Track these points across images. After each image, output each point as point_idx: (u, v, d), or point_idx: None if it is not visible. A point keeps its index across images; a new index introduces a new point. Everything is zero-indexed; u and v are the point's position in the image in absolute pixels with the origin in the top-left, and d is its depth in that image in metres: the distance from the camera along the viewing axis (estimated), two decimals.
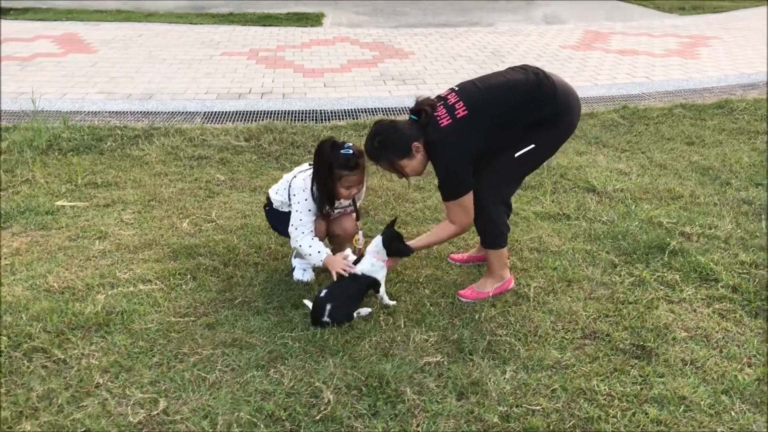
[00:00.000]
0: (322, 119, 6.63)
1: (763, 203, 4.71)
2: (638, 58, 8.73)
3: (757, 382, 2.90)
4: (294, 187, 3.53)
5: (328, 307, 3.25)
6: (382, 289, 3.44)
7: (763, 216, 4.52)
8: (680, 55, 8.83)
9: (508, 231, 3.58)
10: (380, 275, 3.41)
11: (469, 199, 3.34)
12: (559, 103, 3.29)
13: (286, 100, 7.09)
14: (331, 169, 3.40)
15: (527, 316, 3.40)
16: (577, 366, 3.01)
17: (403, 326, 3.29)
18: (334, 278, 3.38)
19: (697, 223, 4.39)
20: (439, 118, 3.26)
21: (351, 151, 3.39)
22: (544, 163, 3.78)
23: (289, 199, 3.57)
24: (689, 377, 2.94)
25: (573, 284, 3.71)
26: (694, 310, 3.46)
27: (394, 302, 3.50)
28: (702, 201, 4.80)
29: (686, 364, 3.03)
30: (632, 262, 3.92)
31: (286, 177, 3.68)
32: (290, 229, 3.53)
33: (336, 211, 3.69)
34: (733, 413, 2.72)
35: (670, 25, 10.45)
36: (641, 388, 2.87)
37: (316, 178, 3.47)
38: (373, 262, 3.40)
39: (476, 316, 3.38)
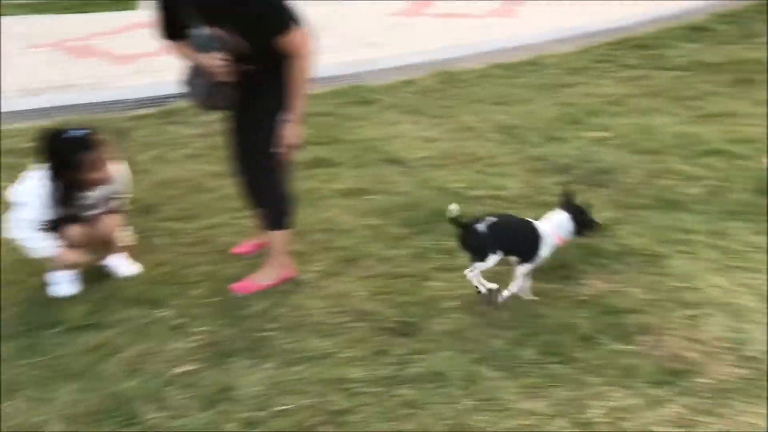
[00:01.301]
0: (131, 108, 6.17)
1: (557, 157, 4.73)
2: (460, 21, 8.70)
3: (508, 347, 2.84)
4: (23, 191, 3.19)
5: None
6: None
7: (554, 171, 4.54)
8: (500, 15, 8.87)
9: (295, 208, 3.38)
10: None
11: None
12: None
13: (94, 91, 6.57)
14: (64, 157, 3.11)
15: (301, 305, 3.22)
16: (337, 353, 2.85)
17: (161, 334, 3.03)
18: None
19: (487, 185, 4.34)
20: None
21: (80, 132, 3.14)
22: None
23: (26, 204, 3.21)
24: (449, 350, 2.85)
25: (356, 263, 3.56)
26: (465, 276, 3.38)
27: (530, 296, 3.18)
28: (499, 161, 4.76)
29: (448, 336, 2.94)
30: (418, 234, 3.82)
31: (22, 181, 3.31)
32: (23, 234, 3.21)
33: (91, 212, 3.36)
34: (483, 383, 2.65)
35: None
36: (399, 369, 2.75)
37: (51, 173, 3.14)
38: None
39: (246, 312, 3.16)
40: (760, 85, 6.03)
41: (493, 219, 3.09)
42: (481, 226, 3.04)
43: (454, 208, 3.06)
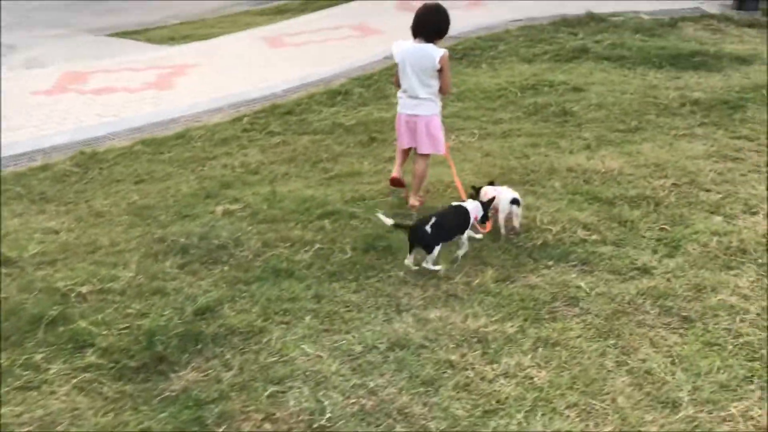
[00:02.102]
0: None
1: (181, 236, 4.60)
2: (113, 96, 8.33)
3: None
4: None
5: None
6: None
7: (177, 251, 4.40)
8: (157, 88, 8.68)
9: None
10: None
11: None
12: None
13: None
14: None
15: None
16: None
17: None
18: None
19: (97, 278, 4.06)
20: None
21: None
22: None
23: None
24: None
25: None
26: (53, 392, 3.06)
27: None
28: (119, 249, 4.51)
29: None
30: (4, 349, 3.40)
31: None
32: None
33: None
34: None
35: (158, 56, 10.31)
36: None
37: None
38: None
39: None
40: (383, 143, 6.57)
41: (434, 219, 4.13)
42: (427, 228, 4.08)
43: (384, 218, 4.24)
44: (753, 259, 4.17)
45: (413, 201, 5.03)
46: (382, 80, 8.57)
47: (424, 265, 4.09)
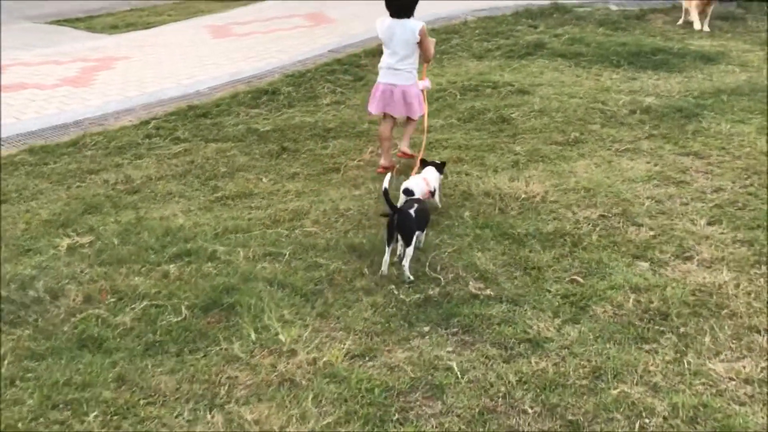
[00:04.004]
0: None
1: (5, 281, 3.71)
2: (22, 94, 7.38)
3: None
4: None
5: None
6: None
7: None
8: (73, 84, 7.71)
9: None
10: None
11: None
12: None
13: None
14: None
15: None
16: None
17: None
18: None
19: None
20: None
21: None
22: None
23: None
24: None
25: None
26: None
27: None
28: None
29: None
30: None
31: None
32: None
33: None
34: None
35: (90, 47, 9.30)
36: None
37: None
38: None
39: None
40: (294, 154, 5.64)
41: (417, 204, 3.83)
42: (412, 212, 3.72)
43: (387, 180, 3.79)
44: (674, 327, 3.24)
45: (404, 148, 5.32)
46: (317, 77, 7.60)
47: (403, 263, 3.68)
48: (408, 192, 4.17)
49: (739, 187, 4.72)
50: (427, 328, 3.28)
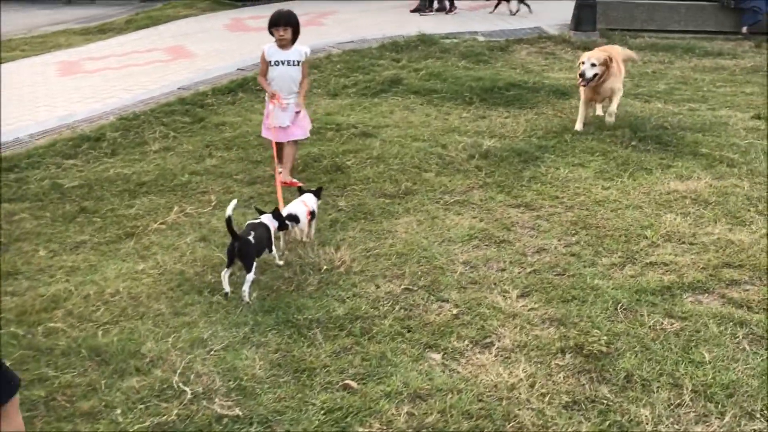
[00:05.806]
0: None
1: None
2: None
3: None
4: None
5: None
6: None
7: None
8: None
9: None
10: None
11: None
12: None
13: None
14: None
15: None
16: None
17: None
18: None
19: None
20: None
21: None
22: None
23: None
24: None
25: None
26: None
27: None
28: None
29: None
30: None
31: None
32: None
33: None
34: None
35: None
36: None
37: None
38: None
39: None
40: (92, 216, 4.78)
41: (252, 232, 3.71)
42: (251, 238, 3.66)
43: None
44: None
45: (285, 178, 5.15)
46: (152, 120, 6.72)
47: (243, 288, 3.58)
48: (292, 218, 4.07)
49: (564, 246, 4.18)
50: None
